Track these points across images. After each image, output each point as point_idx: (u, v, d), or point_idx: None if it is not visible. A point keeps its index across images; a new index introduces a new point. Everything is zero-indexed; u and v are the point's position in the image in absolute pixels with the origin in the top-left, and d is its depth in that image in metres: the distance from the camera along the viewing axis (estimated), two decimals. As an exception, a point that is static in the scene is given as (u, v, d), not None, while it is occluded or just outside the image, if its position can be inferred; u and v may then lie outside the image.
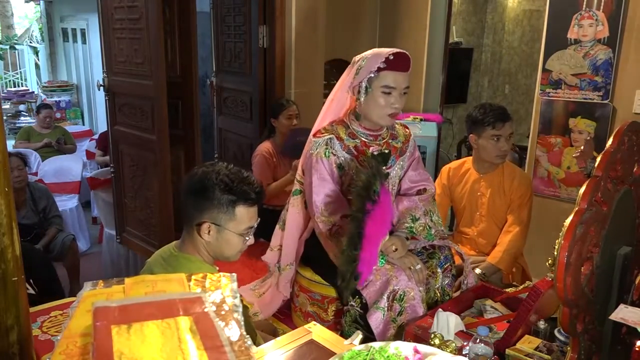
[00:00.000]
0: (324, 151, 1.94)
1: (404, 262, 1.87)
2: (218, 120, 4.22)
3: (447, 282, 2.02)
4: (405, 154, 2.09)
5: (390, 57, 1.85)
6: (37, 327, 1.89)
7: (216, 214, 1.49)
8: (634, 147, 1.35)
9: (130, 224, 3.60)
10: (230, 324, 0.93)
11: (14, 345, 1.02)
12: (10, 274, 1.00)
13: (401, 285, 1.83)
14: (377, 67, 1.86)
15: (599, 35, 2.88)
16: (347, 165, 1.95)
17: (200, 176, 1.49)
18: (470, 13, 6.05)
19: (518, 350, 1.51)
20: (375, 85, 1.88)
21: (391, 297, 1.83)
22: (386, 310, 1.82)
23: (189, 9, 3.35)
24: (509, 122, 2.37)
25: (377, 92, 1.88)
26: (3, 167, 0.97)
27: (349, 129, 2.00)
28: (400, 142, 2.08)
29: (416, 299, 1.84)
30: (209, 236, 1.50)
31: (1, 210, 0.97)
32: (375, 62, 1.86)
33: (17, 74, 9.71)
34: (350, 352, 1.26)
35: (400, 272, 1.85)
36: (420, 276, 1.87)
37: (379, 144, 2.01)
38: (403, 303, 1.82)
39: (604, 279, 1.29)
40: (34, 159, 4.97)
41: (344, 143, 1.96)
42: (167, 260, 1.55)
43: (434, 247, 2.04)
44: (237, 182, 1.49)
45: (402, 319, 1.83)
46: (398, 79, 1.88)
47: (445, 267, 2.02)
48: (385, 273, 1.86)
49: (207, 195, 1.47)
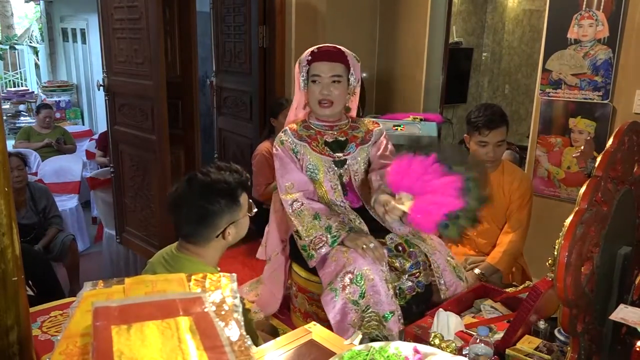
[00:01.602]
0: (279, 140, 2.12)
1: (356, 244, 1.89)
2: (218, 120, 4.22)
3: (408, 286, 1.98)
4: (367, 142, 2.16)
5: (315, 50, 2.07)
6: (37, 327, 1.89)
7: (229, 215, 1.54)
8: (634, 147, 1.35)
9: (130, 224, 3.60)
10: (230, 324, 0.93)
11: (14, 345, 1.02)
12: (10, 274, 1.00)
13: (357, 267, 1.83)
14: (306, 61, 2.07)
15: (599, 35, 2.88)
16: (301, 150, 2.09)
17: (192, 205, 1.50)
18: (470, 13, 6.04)
19: (518, 350, 1.51)
20: (309, 78, 2.08)
21: (347, 279, 1.83)
22: (340, 290, 1.82)
23: (189, 9, 3.35)
24: (498, 130, 2.31)
25: (310, 82, 2.08)
26: (3, 167, 0.97)
27: (305, 123, 2.17)
28: (362, 132, 2.17)
29: (375, 279, 1.82)
30: (231, 235, 1.57)
31: (1, 210, 0.97)
32: (306, 56, 2.08)
33: (17, 74, 9.71)
34: (350, 352, 1.26)
35: (356, 254, 1.86)
36: (377, 253, 1.86)
37: (333, 133, 2.14)
38: (362, 284, 1.81)
39: (604, 279, 1.30)
40: (33, 159, 4.97)
41: (297, 132, 2.12)
42: (169, 261, 1.55)
43: (404, 251, 2.00)
44: (229, 180, 1.51)
45: (365, 302, 1.81)
46: (323, 68, 2.05)
47: (414, 272, 1.99)
48: (341, 256, 1.89)
49: (215, 210, 1.50)
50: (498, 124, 2.32)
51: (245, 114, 3.87)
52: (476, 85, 6.34)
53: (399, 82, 3.98)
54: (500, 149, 2.37)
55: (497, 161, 2.41)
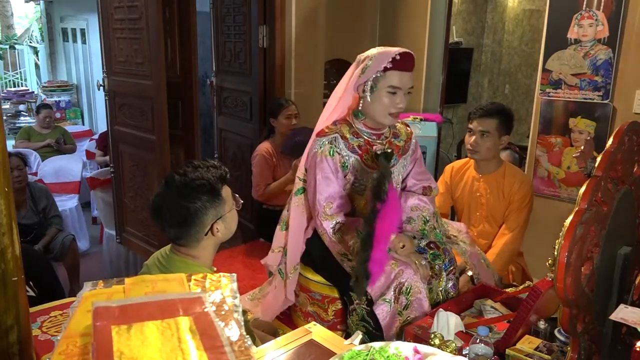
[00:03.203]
0: (328, 150, 1.93)
1: (409, 257, 1.90)
2: (218, 120, 4.22)
3: (451, 285, 2.03)
4: (407, 152, 2.09)
5: (397, 57, 1.85)
6: (37, 327, 1.89)
7: (213, 210, 1.50)
8: (634, 147, 1.35)
9: (130, 224, 3.60)
10: (230, 324, 0.93)
11: (14, 345, 1.02)
12: (10, 274, 1.00)
13: (408, 279, 1.86)
14: (383, 66, 1.86)
15: (599, 35, 2.88)
16: (352, 165, 1.96)
17: (173, 205, 1.48)
18: (470, 13, 6.04)
19: (518, 350, 1.51)
20: (381, 85, 1.88)
21: (397, 289, 1.85)
22: (393, 302, 1.84)
23: (189, 9, 3.35)
24: (485, 119, 2.34)
25: (383, 92, 1.88)
26: (3, 167, 0.97)
27: (353, 128, 1.99)
28: (402, 141, 2.08)
29: (422, 292, 1.86)
30: (219, 231, 1.54)
31: (1, 210, 0.97)
32: (382, 61, 1.86)
33: (17, 74, 9.70)
34: (350, 352, 1.26)
35: (406, 266, 1.87)
36: (425, 272, 1.90)
37: (381, 143, 2.01)
38: (409, 296, 1.85)
39: (604, 279, 1.29)
40: (33, 159, 4.96)
41: (349, 142, 1.95)
42: (163, 264, 1.54)
43: (438, 248, 2.04)
44: (206, 177, 1.49)
45: (408, 313, 1.85)
46: (404, 79, 1.88)
47: (450, 269, 2.03)
48: (390, 268, 1.87)
49: (197, 208, 1.47)
50: (486, 114, 2.36)
51: (245, 114, 3.87)
52: (476, 85, 6.34)
53: (399, 82, 3.98)
54: (484, 140, 2.36)
55: (478, 153, 2.41)
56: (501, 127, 2.37)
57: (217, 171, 1.52)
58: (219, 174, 1.52)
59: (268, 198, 3.22)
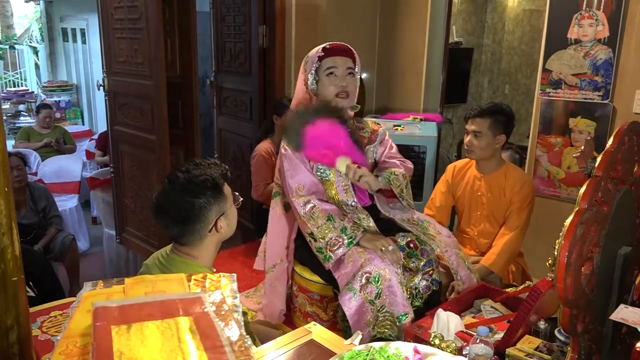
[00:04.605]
0: None
1: (375, 245, 1.92)
2: (218, 120, 4.22)
3: (423, 285, 2.01)
4: (373, 143, 2.21)
5: (327, 47, 2.10)
6: (37, 327, 1.89)
7: (217, 206, 1.52)
8: (635, 147, 1.35)
9: (130, 224, 3.60)
10: (230, 324, 0.93)
11: (14, 345, 1.02)
12: (10, 274, 1.00)
13: (375, 267, 1.85)
14: (317, 57, 2.09)
15: (599, 35, 2.88)
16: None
17: (176, 203, 1.49)
18: (470, 13, 6.04)
19: (518, 350, 1.51)
20: (321, 72, 2.10)
21: (365, 278, 1.85)
22: (358, 290, 1.84)
23: (189, 9, 3.35)
24: (477, 119, 2.37)
25: (323, 77, 2.09)
26: (3, 167, 0.97)
27: None
28: (368, 132, 2.22)
29: (392, 280, 1.85)
30: (223, 228, 1.55)
31: (1, 211, 0.97)
32: (316, 53, 2.10)
33: (17, 74, 9.71)
34: (350, 352, 1.26)
35: (373, 255, 1.89)
36: (394, 256, 1.90)
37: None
38: (379, 284, 1.84)
39: (604, 279, 1.30)
40: (33, 159, 4.96)
41: None
42: (164, 263, 1.54)
43: (417, 248, 2.03)
44: (210, 172, 1.51)
45: (381, 302, 1.84)
46: (337, 61, 2.09)
47: (427, 270, 2.02)
48: (357, 257, 1.89)
49: (201, 205, 1.49)
50: (479, 114, 2.39)
51: (245, 114, 3.87)
52: (476, 85, 6.35)
53: (399, 82, 3.98)
54: (478, 140, 2.38)
55: (475, 153, 2.42)
56: (495, 126, 2.36)
57: (218, 168, 1.55)
58: (220, 170, 1.54)
59: (267, 198, 3.22)
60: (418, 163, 3.47)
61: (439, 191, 2.62)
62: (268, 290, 2.27)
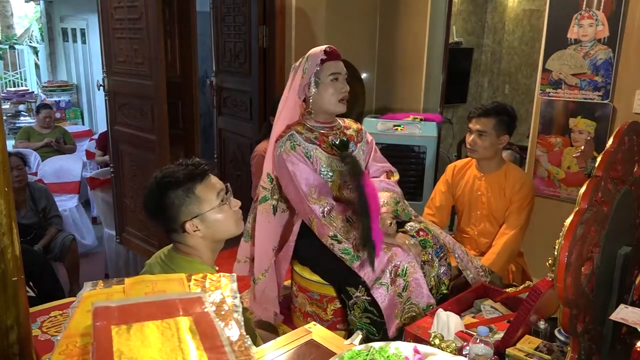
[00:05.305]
0: (290, 146, 2.06)
1: (399, 239, 1.99)
2: (218, 120, 4.22)
3: (443, 271, 2.09)
4: (361, 141, 2.25)
5: (328, 49, 2.10)
6: (37, 327, 1.89)
7: (186, 208, 1.49)
8: (635, 147, 1.35)
9: (130, 224, 3.60)
10: (230, 324, 0.93)
11: (14, 345, 1.02)
12: (10, 274, 1.00)
13: (402, 261, 1.92)
14: (320, 59, 2.08)
15: (599, 35, 2.88)
16: (316, 157, 2.09)
17: (149, 196, 1.54)
18: (470, 13, 6.04)
19: (518, 350, 1.51)
20: (323, 76, 2.08)
21: (393, 272, 1.91)
22: (389, 284, 1.90)
23: (189, 9, 3.35)
24: (481, 119, 2.38)
25: (327, 81, 2.08)
26: (3, 167, 0.97)
27: (306, 126, 2.14)
28: (354, 131, 2.25)
29: (418, 272, 1.93)
30: (199, 230, 1.50)
31: (1, 211, 0.97)
32: (317, 56, 2.09)
33: (17, 73, 9.70)
34: (350, 352, 1.26)
35: (397, 249, 1.96)
36: (417, 250, 1.99)
37: (335, 134, 2.17)
38: (406, 277, 1.91)
39: (604, 279, 1.29)
40: (33, 159, 4.96)
41: (305, 135, 2.10)
42: (166, 262, 1.54)
43: (427, 234, 2.10)
44: (177, 173, 1.51)
45: (407, 295, 1.91)
46: (338, 66, 2.11)
47: (441, 255, 2.10)
48: (382, 253, 1.93)
49: (167, 203, 1.49)
50: (483, 114, 2.39)
51: (245, 114, 3.87)
52: (476, 85, 6.35)
53: (398, 82, 3.98)
54: (482, 139, 2.38)
55: (478, 153, 2.42)
56: (499, 126, 2.37)
57: (192, 168, 1.52)
58: (191, 171, 1.51)
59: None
60: (418, 163, 3.48)
61: (439, 191, 2.62)
62: (260, 298, 2.21)
